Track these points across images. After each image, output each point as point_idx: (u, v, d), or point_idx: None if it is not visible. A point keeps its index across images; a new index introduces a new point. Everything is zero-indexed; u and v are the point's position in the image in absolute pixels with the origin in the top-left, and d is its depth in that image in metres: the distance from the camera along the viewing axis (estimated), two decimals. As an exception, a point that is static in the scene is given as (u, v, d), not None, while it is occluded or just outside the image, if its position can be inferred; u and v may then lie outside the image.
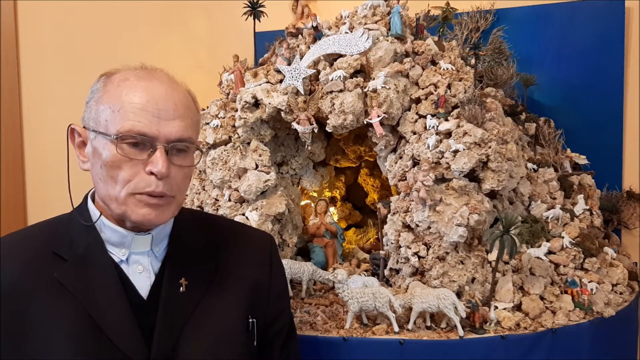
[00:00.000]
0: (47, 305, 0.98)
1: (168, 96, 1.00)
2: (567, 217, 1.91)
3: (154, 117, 0.97)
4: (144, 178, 0.98)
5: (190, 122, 1.03)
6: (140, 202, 0.99)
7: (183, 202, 1.09)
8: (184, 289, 1.06)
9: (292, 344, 1.26)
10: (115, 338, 0.98)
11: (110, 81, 1.01)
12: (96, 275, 1.02)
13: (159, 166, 0.97)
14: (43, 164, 2.68)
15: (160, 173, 0.97)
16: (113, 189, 0.99)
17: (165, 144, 0.98)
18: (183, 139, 1.00)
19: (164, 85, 1.01)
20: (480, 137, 1.69)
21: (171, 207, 1.03)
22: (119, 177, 0.98)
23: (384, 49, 1.85)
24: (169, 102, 0.99)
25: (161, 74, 1.04)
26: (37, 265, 1.01)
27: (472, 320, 1.51)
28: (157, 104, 0.98)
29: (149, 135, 0.97)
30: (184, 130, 1.00)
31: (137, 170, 0.98)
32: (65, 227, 1.07)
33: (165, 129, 0.98)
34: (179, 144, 1.00)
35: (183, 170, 1.03)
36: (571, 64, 2.39)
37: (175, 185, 1.01)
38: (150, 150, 0.98)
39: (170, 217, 1.05)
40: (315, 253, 2.06)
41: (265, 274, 1.19)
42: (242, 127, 1.93)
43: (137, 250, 1.06)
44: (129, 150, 0.97)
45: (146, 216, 0.99)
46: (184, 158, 1.03)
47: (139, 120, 0.96)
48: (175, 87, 1.03)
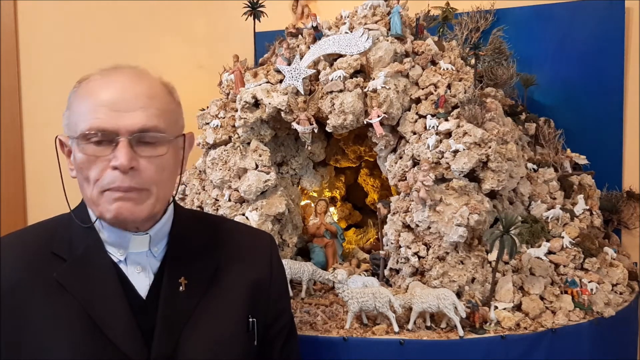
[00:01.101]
0: (47, 306, 0.98)
1: (127, 88, 0.98)
2: (567, 217, 1.91)
3: (112, 110, 0.95)
4: (109, 174, 0.96)
5: (156, 112, 0.99)
6: (110, 199, 0.97)
7: (166, 196, 1.06)
8: (183, 288, 1.05)
9: (292, 344, 1.26)
10: (115, 338, 0.98)
11: (79, 86, 1.01)
12: (95, 275, 1.02)
13: (120, 159, 0.94)
14: (43, 164, 2.67)
15: (122, 166, 0.94)
16: (88, 191, 0.99)
17: (129, 136, 0.96)
18: (146, 128, 0.97)
19: (124, 77, 1.00)
20: (480, 137, 1.69)
21: (148, 201, 1.00)
22: (90, 177, 0.97)
23: (384, 49, 1.85)
24: (127, 93, 0.97)
25: (127, 69, 1.02)
26: (37, 265, 1.01)
27: (472, 320, 1.51)
28: (115, 97, 0.96)
29: (109, 130, 0.95)
30: (146, 119, 0.97)
31: (104, 167, 0.96)
32: (64, 228, 1.07)
33: (125, 121, 0.95)
34: (144, 135, 0.97)
35: (155, 161, 0.99)
36: (571, 64, 2.39)
37: (147, 177, 0.98)
38: (114, 145, 0.96)
39: (147, 212, 1.00)
40: (315, 253, 2.06)
41: (265, 273, 1.18)
42: (242, 127, 1.93)
43: (135, 251, 1.05)
44: (94, 149, 0.96)
45: (117, 211, 0.97)
46: (154, 149, 0.99)
47: (97, 117, 0.95)
48: (138, 79, 1.01)
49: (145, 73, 1.04)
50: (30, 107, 2.71)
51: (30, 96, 2.70)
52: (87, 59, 2.64)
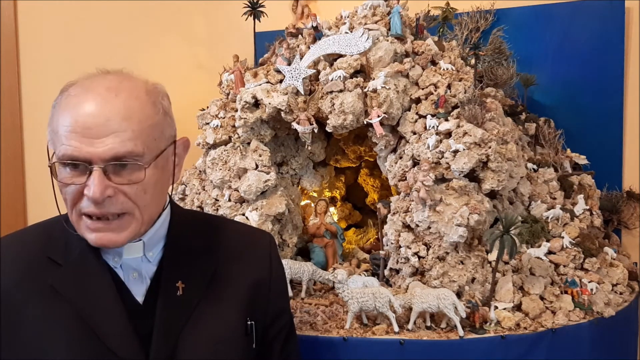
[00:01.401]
0: (43, 311, 0.98)
1: (98, 111, 0.91)
2: (567, 217, 1.91)
3: (84, 137, 0.90)
4: (84, 200, 0.94)
5: (131, 134, 0.92)
6: (88, 227, 0.96)
7: (152, 215, 1.02)
8: (181, 292, 1.04)
9: (292, 344, 1.25)
10: (112, 344, 0.97)
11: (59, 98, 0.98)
12: (91, 280, 1.01)
13: (91, 191, 0.91)
14: (43, 164, 2.65)
15: (94, 199, 0.91)
16: (69, 212, 0.98)
17: (102, 164, 0.91)
18: (119, 155, 0.91)
19: (97, 98, 0.93)
20: (480, 137, 1.69)
21: (130, 227, 0.97)
22: (67, 199, 0.96)
23: (384, 49, 1.85)
24: (98, 118, 0.91)
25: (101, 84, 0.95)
26: (33, 269, 1.01)
27: (472, 320, 1.51)
28: (85, 123, 0.91)
29: (81, 159, 0.91)
30: (119, 145, 0.91)
31: (79, 192, 0.94)
32: (60, 231, 1.05)
33: (97, 149, 0.90)
34: (118, 162, 0.92)
35: (133, 187, 0.94)
36: (571, 64, 2.38)
37: (127, 202, 0.95)
38: (88, 173, 0.92)
39: (128, 236, 0.98)
40: (315, 253, 2.06)
41: (264, 273, 1.18)
42: (242, 127, 1.93)
43: (130, 256, 1.04)
44: (70, 175, 0.94)
45: (98, 241, 0.96)
46: (130, 174, 0.94)
47: (69, 144, 0.91)
48: (111, 98, 0.93)
49: (125, 84, 0.97)
50: (30, 107, 2.71)
51: (30, 96, 2.70)
52: (87, 59, 2.64)
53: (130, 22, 2.72)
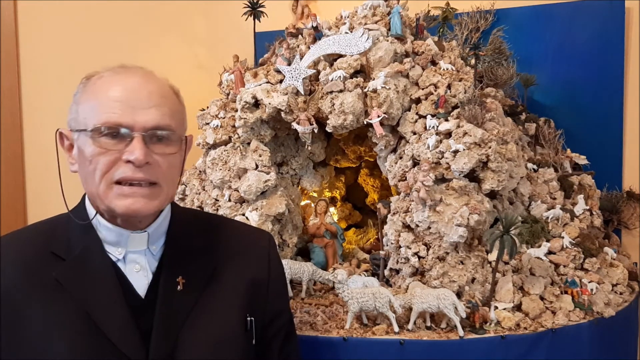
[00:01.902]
0: (46, 305, 0.99)
1: (141, 86, 1.00)
2: (567, 217, 1.91)
3: (128, 106, 0.97)
4: (121, 167, 0.97)
5: (168, 111, 1.02)
6: (121, 194, 0.98)
7: (173, 194, 1.08)
8: (181, 287, 1.05)
9: (292, 344, 1.26)
10: (114, 337, 0.98)
11: (88, 82, 1.03)
12: (94, 274, 1.02)
13: (136, 153, 0.96)
14: (43, 164, 2.67)
15: (138, 160, 0.96)
16: (94, 184, 0.99)
17: (143, 132, 0.98)
18: (161, 126, 0.99)
19: (137, 76, 1.02)
20: (480, 137, 1.69)
21: (158, 197, 1.02)
22: (97, 169, 0.98)
23: (384, 49, 1.85)
24: (142, 91, 0.99)
25: (137, 69, 1.05)
26: (36, 265, 1.02)
27: (472, 320, 1.51)
28: (130, 94, 0.98)
29: (125, 125, 0.97)
30: (160, 117, 0.99)
31: (115, 159, 0.98)
32: (63, 227, 1.07)
33: (141, 117, 0.97)
34: (158, 132, 0.99)
35: (167, 159, 1.01)
36: (571, 64, 2.39)
37: (160, 173, 1.00)
38: (128, 140, 0.97)
39: (157, 206, 1.03)
40: (315, 253, 2.06)
41: (263, 272, 1.18)
42: (242, 127, 1.93)
43: (133, 249, 1.06)
44: (107, 142, 0.97)
45: (130, 207, 0.98)
46: (166, 146, 1.01)
47: (113, 112, 0.96)
48: (149, 79, 1.03)
49: (154, 74, 1.06)
50: (30, 107, 2.71)
51: (30, 96, 2.70)
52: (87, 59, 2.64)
53: (130, 22, 2.72)
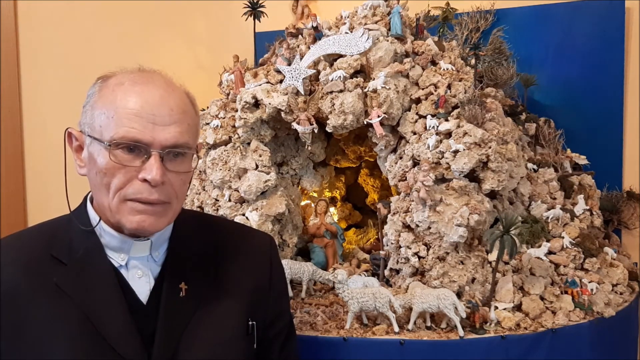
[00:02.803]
0: (46, 309, 0.98)
1: (164, 101, 0.97)
2: (567, 217, 1.91)
3: (149, 122, 0.95)
4: (136, 185, 0.96)
5: (187, 127, 1.00)
6: (133, 210, 0.97)
7: (180, 208, 1.07)
8: (184, 293, 1.05)
9: (291, 344, 1.26)
10: (115, 343, 0.97)
11: (105, 85, 0.99)
12: (95, 279, 1.01)
13: (153, 173, 0.94)
14: (43, 164, 2.67)
15: (154, 180, 0.95)
16: (106, 197, 0.98)
17: (160, 150, 0.96)
18: (179, 144, 0.98)
19: (159, 89, 0.99)
20: (480, 137, 1.69)
21: (168, 214, 1.01)
22: (112, 184, 0.96)
23: (384, 49, 1.85)
24: (164, 107, 0.97)
25: (158, 77, 1.02)
26: (37, 269, 1.01)
27: (472, 320, 1.51)
28: (151, 110, 0.95)
29: (143, 142, 0.95)
30: (179, 135, 0.97)
31: (130, 177, 0.96)
32: (64, 230, 1.06)
33: (160, 135, 0.95)
34: (174, 150, 0.98)
35: (180, 176, 1.00)
36: (571, 64, 2.39)
37: (172, 191, 1.00)
38: (145, 157, 0.96)
39: (166, 224, 1.03)
40: (316, 253, 2.06)
41: (265, 275, 1.19)
42: (242, 127, 1.93)
43: (136, 256, 1.05)
44: (123, 157, 0.95)
45: (140, 224, 0.98)
46: (181, 163, 1.00)
47: (132, 127, 0.94)
48: (171, 91, 1.00)
49: (173, 83, 1.03)
50: (30, 107, 2.71)
51: (30, 96, 2.70)
52: (87, 59, 2.66)
53: (130, 22, 2.72)
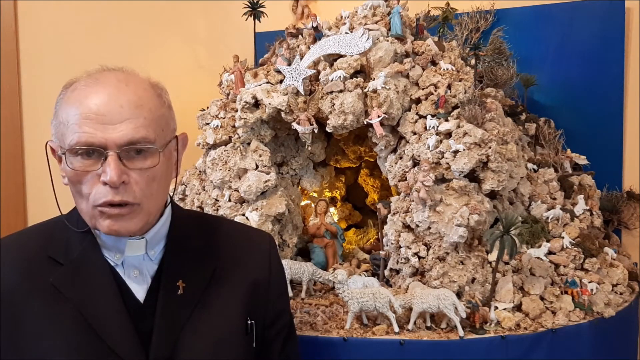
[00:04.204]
0: (43, 310, 0.98)
1: (111, 99, 0.95)
2: (567, 217, 1.91)
3: (99, 124, 0.93)
4: (100, 189, 0.94)
5: (144, 121, 0.96)
6: (103, 214, 0.96)
7: (158, 206, 1.04)
8: (181, 292, 1.05)
9: (291, 345, 1.26)
10: (112, 343, 0.97)
11: (64, 93, 0.99)
12: (92, 279, 1.01)
13: (109, 174, 0.92)
14: (43, 164, 2.66)
15: (112, 182, 0.92)
16: (81, 204, 0.98)
17: (117, 150, 0.93)
18: (134, 140, 0.94)
19: (108, 87, 0.96)
20: (480, 137, 1.69)
21: (138, 216, 0.99)
22: (82, 191, 0.96)
23: (384, 49, 1.85)
24: (112, 105, 0.94)
25: (110, 76, 0.99)
26: (34, 269, 1.01)
27: (472, 320, 1.51)
28: (99, 110, 0.93)
29: (97, 145, 0.93)
30: (134, 131, 0.94)
31: (94, 182, 0.95)
32: (61, 231, 1.06)
33: (112, 135, 0.93)
34: (133, 147, 0.95)
35: (145, 173, 0.97)
36: (571, 64, 2.38)
37: (138, 191, 0.96)
38: (103, 159, 0.94)
39: (137, 225, 0.99)
40: (316, 253, 2.06)
41: (264, 274, 1.18)
42: (242, 127, 1.93)
43: (131, 255, 1.05)
44: (83, 163, 0.94)
45: (110, 228, 0.96)
46: (145, 159, 0.97)
47: (84, 131, 0.92)
48: (123, 86, 0.97)
49: (132, 77, 1.01)
50: (30, 107, 2.71)
51: (30, 96, 2.70)
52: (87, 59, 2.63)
53: (130, 22, 2.72)
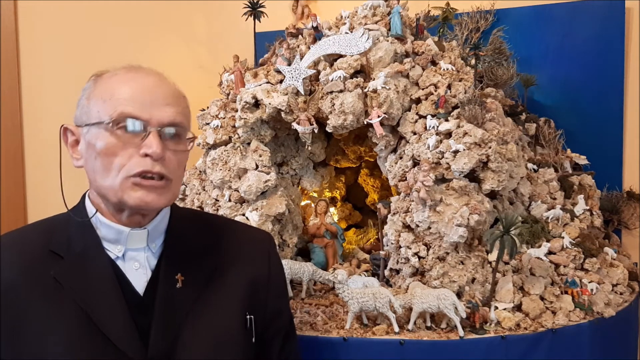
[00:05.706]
0: (45, 304, 0.99)
1: (157, 85, 1.03)
2: (567, 217, 1.91)
3: (144, 103, 1.00)
4: (138, 161, 0.99)
5: (181, 110, 1.05)
6: (136, 186, 0.99)
7: (178, 192, 1.10)
8: (180, 285, 1.06)
9: (291, 344, 1.26)
10: (112, 335, 0.98)
11: (100, 79, 1.04)
12: (93, 272, 1.02)
13: (154, 147, 0.98)
14: (43, 163, 2.67)
15: (156, 154, 0.98)
16: (108, 178, 1.00)
17: (159, 127, 1.00)
18: (175, 123, 1.02)
19: (152, 75, 1.04)
20: (481, 137, 1.69)
21: (169, 192, 1.04)
22: (113, 164, 0.99)
23: (384, 49, 1.85)
24: (158, 89, 1.02)
25: (149, 69, 1.07)
26: (35, 263, 1.02)
27: (472, 320, 1.51)
28: (147, 92, 1.01)
29: (142, 119, 0.99)
30: (175, 115, 1.02)
31: (131, 154, 0.99)
32: (62, 226, 1.08)
33: (157, 114, 1.00)
34: (172, 129, 1.02)
35: (177, 156, 1.04)
36: (571, 64, 2.39)
37: (172, 168, 1.03)
38: (144, 134, 0.99)
39: (166, 201, 1.04)
40: (316, 253, 2.06)
41: (263, 271, 1.19)
42: (242, 127, 1.93)
43: (133, 247, 1.06)
44: (123, 135, 0.98)
45: (142, 199, 1.00)
46: (177, 143, 1.04)
47: (130, 105, 0.99)
48: (163, 79, 1.06)
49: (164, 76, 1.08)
50: (30, 107, 2.71)
51: (30, 96, 2.70)
52: (87, 59, 2.65)
53: (130, 22, 2.72)
